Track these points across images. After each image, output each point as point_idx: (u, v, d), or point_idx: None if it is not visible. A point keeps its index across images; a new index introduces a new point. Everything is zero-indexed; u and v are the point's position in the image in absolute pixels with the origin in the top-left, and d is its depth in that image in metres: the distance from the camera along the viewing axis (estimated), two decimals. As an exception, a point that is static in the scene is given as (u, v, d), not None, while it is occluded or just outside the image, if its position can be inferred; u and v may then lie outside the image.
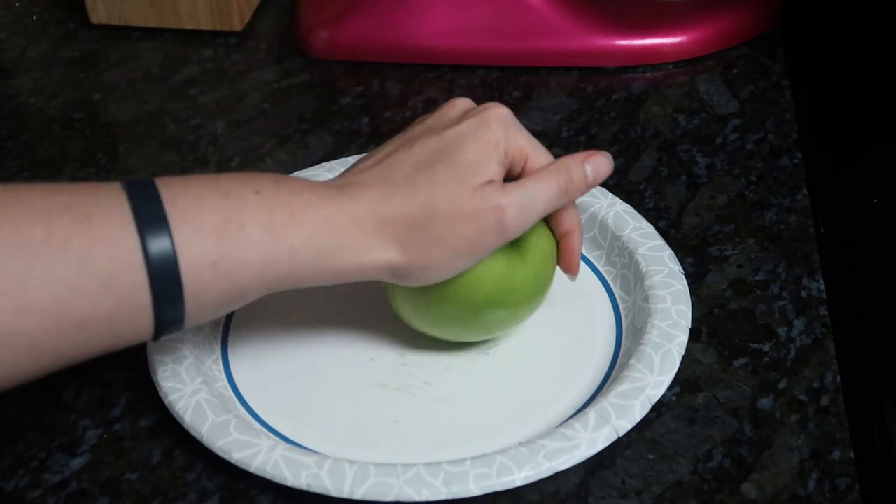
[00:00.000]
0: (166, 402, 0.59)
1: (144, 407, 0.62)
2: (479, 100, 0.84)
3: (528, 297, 0.61)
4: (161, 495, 0.57)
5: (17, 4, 0.99)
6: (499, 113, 0.58)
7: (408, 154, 0.57)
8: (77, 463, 0.59)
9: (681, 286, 0.64)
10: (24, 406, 0.62)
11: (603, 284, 0.68)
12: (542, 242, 0.60)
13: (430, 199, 0.55)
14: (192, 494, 0.57)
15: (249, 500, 0.57)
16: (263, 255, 0.53)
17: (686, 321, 0.62)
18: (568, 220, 0.61)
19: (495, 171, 0.56)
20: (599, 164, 0.59)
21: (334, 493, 0.55)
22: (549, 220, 0.61)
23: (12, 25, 0.96)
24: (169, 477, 0.58)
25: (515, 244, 0.59)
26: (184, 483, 0.58)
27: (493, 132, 0.57)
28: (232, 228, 0.52)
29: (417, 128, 0.59)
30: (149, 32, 0.93)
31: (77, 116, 0.85)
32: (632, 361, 0.60)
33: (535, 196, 0.57)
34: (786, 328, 0.65)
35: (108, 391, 0.63)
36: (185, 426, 0.58)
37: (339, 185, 0.57)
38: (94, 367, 0.64)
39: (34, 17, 0.97)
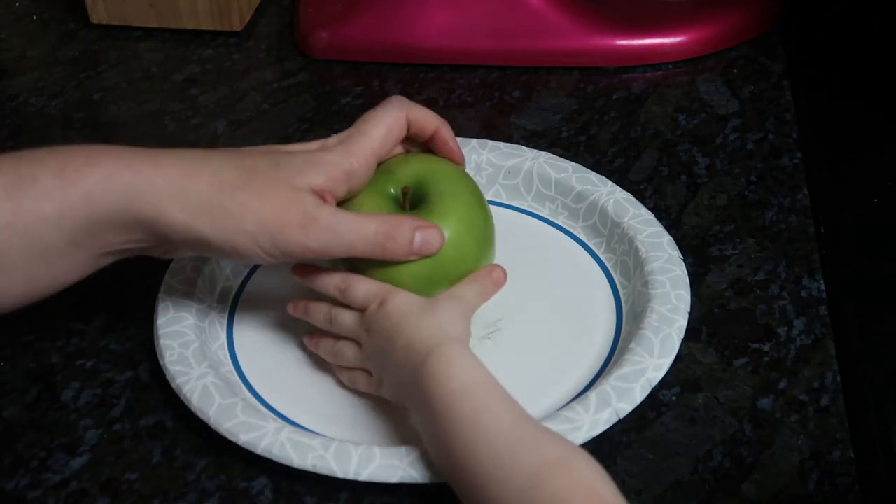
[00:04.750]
0: (173, 385, 0.60)
1: (144, 407, 0.62)
2: (480, 100, 0.85)
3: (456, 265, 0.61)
4: (161, 495, 0.57)
5: (17, 4, 0.99)
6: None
7: (237, 148, 0.59)
8: (77, 463, 0.59)
9: (680, 271, 0.65)
10: (24, 406, 0.62)
11: (603, 271, 0.69)
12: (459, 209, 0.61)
13: (244, 174, 0.55)
14: (192, 494, 0.57)
15: (249, 500, 0.57)
16: (60, 203, 0.53)
17: (685, 305, 0.63)
18: (428, 123, 0.61)
19: (321, 181, 0.56)
20: (431, 236, 0.58)
21: (340, 474, 0.55)
22: (415, 134, 0.61)
23: (12, 25, 0.96)
24: (169, 477, 0.58)
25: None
26: (184, 483, 0.58)
27: (332, 152, 0.58)
28: (25, 183, 0.52)
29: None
30: (149, 32, 0.93)
31: (77, 116, 0.85)
32: (632, 345, 0.61)
33: (347, 230, 0.56)
34: (786, 328, 0.65)
35: (108, 391, 0.63)
36: (192, 409, 0.59)
37: (147, 149, 0.56)
38: (94, 367, 0.64)
39: (34, 17, 0.97)
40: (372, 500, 0.56)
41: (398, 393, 0.58)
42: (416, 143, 0.63)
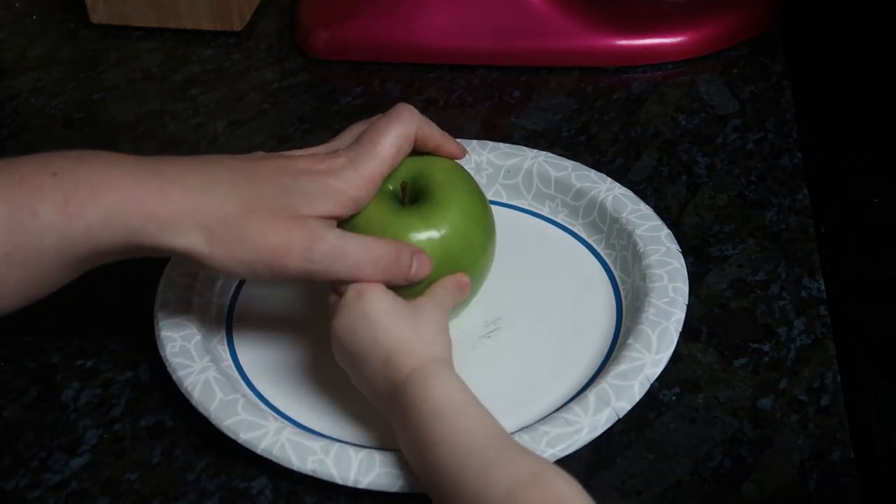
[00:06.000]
0: (174, 378, 0.60)
1: (144, 407, 0.62)
2: (480, 100, 0.85)
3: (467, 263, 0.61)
4: (161, 495, 0.57)
5: (17, 4, 0.99)
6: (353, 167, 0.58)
7: (246, 165, 0.57)
8: (77, 463, 0.59)
9: (678, 264, 0.65)
10: (24, 406, 0.62)
11: (603, 267, 0.69)
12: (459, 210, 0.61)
13: (249, 204, 0.55)
14: (192, 494, 0.57)
15: (249, 500, 0.57)
16: (59, 239, 0.52)
17: (683, 298, 0.63)
18: (430, 140, 0.61)
19: (328, 209, 0.56)
20: (424, 265, 0.58)
21: (339, 480, 0.55)
22: (422, 147, 0.61)
23: (12, 25, 0.96)
24: (169, 477, 0.58)
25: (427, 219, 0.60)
26: (184, 483, 0.58)
27: (340, 179, 0.57)
28: (24, 216, 0.51)
29: (265, 153, 0.60)
30: (149, 32, 0.93)
31: (77, 116, 0.85)
32: (629, 341, 0.61)
33: (354, 251, 0.56)
34: (786, 328, 0.65)
35: (108, 391, 0.63)
36: (193, 403, 0.59)
37: (154, 162, 0.55)
38: (94, 367, 0.64)
39: (34, 17, 0.97)
40: (372, 501, 0.56)
41: (374, 399, 0.57)
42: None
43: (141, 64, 0.90)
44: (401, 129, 0.59)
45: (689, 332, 0.63)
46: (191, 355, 0.61)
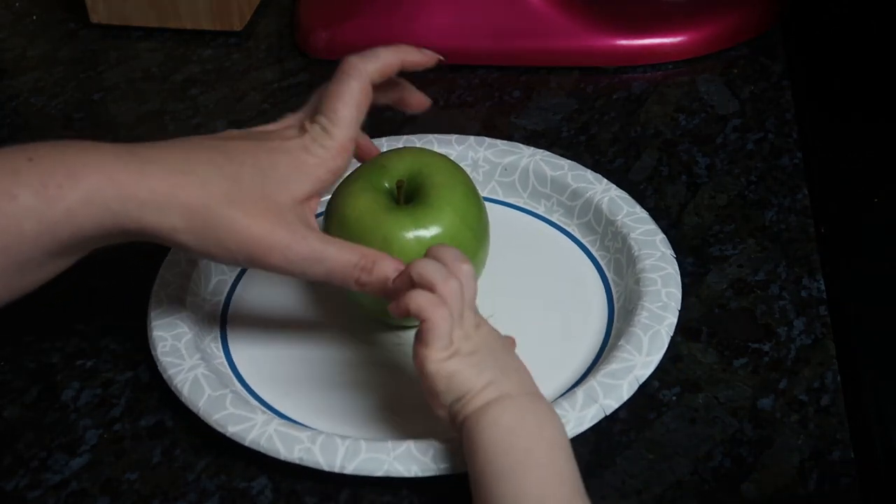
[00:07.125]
0: (165, 377, 0.60)
1: (144, 407, 0.62)
2: (480, 100, 0.85)
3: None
4: (161, 495, 0.57)
5: (17, 4, 0.99)
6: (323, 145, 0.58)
7: (223, 144, 0.57)
8: (77, 463, 0.59)
9: (671, 269, 0.65)
10: (24, 406, 0.62)
11: (597, 268, 0.69)
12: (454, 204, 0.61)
13: (231, 188, 0.54)
14: (192, 494, 0.57)
15: (249, 500, 0.57)
16: (39, 222, 0.51)
17: (675, 303, 0.63)
18: (390, 65, 0.60)
19: (308, 189, 0.56)
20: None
21: (326, 467, 0.55)
22: (385, 81, 0.60)
23: (12, 25, 0.96)
24: (169, 477, 0.58)
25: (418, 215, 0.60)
26: (184, 483, 0.58)
27: (314, 154, 0.57)
28: (2, 201, 0.50)
29: (237, 131, 0.60)
30: (149, 32, 0.93)
31: (77, 116, 0.85)
32: (621, 342, 0.61)
33: (331, 257, 0.56)
34: (786, 328, 0.65)
35: (108, 391, 0.63)
36: (183, 399, 0.59)
37: (131, 146, 0.55)
38: (94, 367, 0.64)
39: (34, 17, 0.97)
40: (372, 500, 0.56)
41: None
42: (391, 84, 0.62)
43: (141, 64, 0.90)
44: (353, 85, 0.59)
45: (689, 332, 0.63)
46: (181, 354, 0.61)
